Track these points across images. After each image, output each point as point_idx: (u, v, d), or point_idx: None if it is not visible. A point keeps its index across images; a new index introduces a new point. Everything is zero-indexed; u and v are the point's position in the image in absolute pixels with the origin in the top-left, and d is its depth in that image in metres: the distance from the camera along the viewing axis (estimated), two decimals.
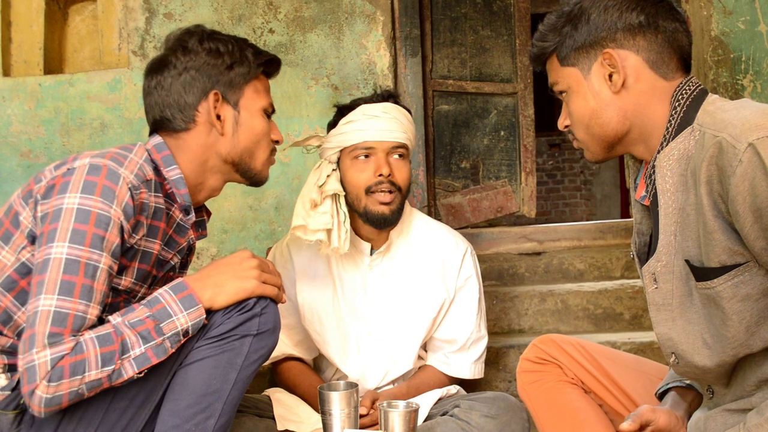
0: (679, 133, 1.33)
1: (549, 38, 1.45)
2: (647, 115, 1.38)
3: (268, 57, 1.69)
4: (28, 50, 3.29)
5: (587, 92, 1.42)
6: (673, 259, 1.35)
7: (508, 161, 3.57)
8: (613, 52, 1.37)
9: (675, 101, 1.36)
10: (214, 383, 1.45)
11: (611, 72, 1.38)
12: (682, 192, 1.32)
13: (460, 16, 3.52)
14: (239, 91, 1.63)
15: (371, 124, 2.04)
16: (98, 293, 1.37)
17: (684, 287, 1.34)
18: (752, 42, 2.97)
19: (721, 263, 1.23)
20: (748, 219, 1.17)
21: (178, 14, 3.20)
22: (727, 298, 1.24)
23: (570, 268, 3.08)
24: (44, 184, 1.44)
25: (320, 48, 3.15)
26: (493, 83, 3.54)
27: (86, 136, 3.17)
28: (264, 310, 1.51)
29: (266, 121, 1.68)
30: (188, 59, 1.59)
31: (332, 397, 1.72)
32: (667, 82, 1.38)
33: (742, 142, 1.16)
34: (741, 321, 1.24)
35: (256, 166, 1.68)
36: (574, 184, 9.08)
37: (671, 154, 1.33)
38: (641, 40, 1.37)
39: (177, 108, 1.59)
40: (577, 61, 1.42)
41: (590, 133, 1.44)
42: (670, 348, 1.39)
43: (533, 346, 1.77)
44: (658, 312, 1.40)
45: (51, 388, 1.29)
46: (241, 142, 1.64)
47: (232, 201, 3.13)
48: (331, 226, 2.04)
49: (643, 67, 1.37)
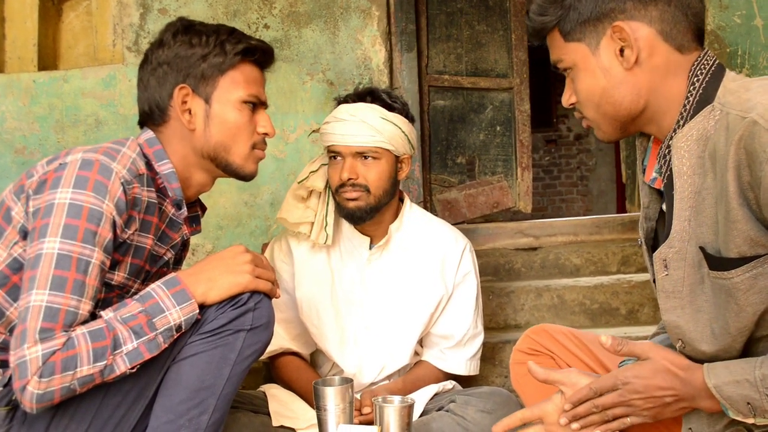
0: (698, 112, 1.24)
1: (550, 12, 1.33)
2: (662, 92, 1.29)
3: (246, 45, 1.60)
4: (22, 46, 3.28)
5: (596, 69, 1.31)
6: (686, 245, 1.28)
7: (504, 157, 3.56)
8: (624, 25, 1.26)
9: (693, 76, 1.26)
10: (208, 378, 1.44)
11: (622, 46, 1.27)
12: (699, 175, 1.24)
13: (456, 11, 3.51)
14: (213, 83, 1.57)
15: (338, 128, 2.04)
16: (90, 288, 1.37)
17: (696, 275, 1.28)
18: (748, 36, 2.96)
19: (741, 254, 1.17)
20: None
21: (172, 10, 3.19)
22: (743, 290, 1.19)
23: (566, 263, 3.07)
24: (36, 179, 1.44)
25: (315, 43, 3.14)
26: (489, 78, 3.53)
27: (81, 132, 3.16)
28: (258, 305, 1.50)
29: (243, 113, 1.60)
30: (161, 53, 1.57)
31: (327, 392, 1.72)
32: (682, 55, 1.28)
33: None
34: (755, 313, 1.20)
35: (234, 161, 1.61)
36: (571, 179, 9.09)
37: (689, 135, 1.24)
38: (653, 10, 1.26)
39: (154, 103, 1.58)
40: (584, 35, 1.30)
41: (601, 113, 1.34)
42: (678, 335, 1.34)
43: (525, 337, 1.75)
44: (668, 299, 1.33)
45: (42, 384, 1.28)
46: (213, 136, 1.58)
47: (227, 197, 3.12)
48: (312, 219, 2.09)
49: (657, 39, 1.27)
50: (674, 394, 1.28)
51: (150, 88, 1.58)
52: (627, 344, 1.31)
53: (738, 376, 1.20)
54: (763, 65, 2.95)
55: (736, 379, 1.20)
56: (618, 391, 1.31)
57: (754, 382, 1.18)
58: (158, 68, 1.57)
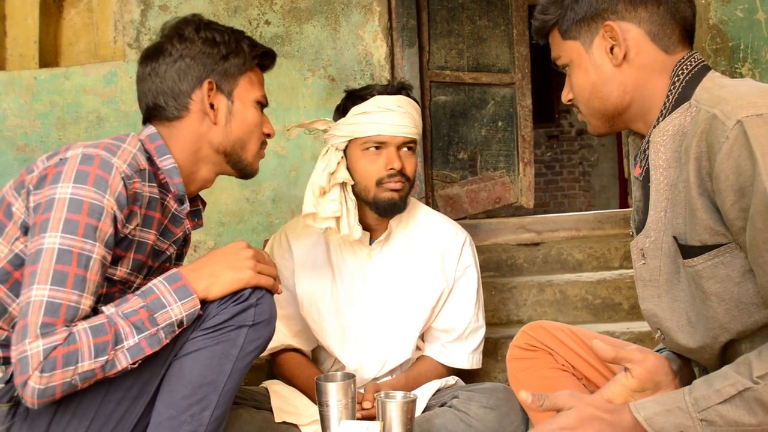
0: (676, 108, 1.31)
1: (550, 11, 1.43)
2: (647, 89, 1.36)
3: (263, 49, 1.69)
4: (23, 44, 3.28)
5: (589, 66, 1.40)
6: (662, 235, 1.33)
7: (506, 152, 3.56)
8: (615, 25, 1.34)
9: (675, 76, 1.34)
10: (210, 374, 1.44)
11: (612, 45, 1.36)
12: (675, 168, 1.29)
13: (457, 6, 3.50)
14: (233, 81, 1.63)
15: (385, 118, 2.03)
16: (91, 283, 1.36)
17: (672, 264, 1.32)
18: (751, 30, 2.95)
19: (702, 242, 1.22)
20: (729, 197, 1.14)
21: (173, 6, 3.19)
22: (706, 277, 1.22)
23: (568, 259, 3.07)
24: (36, 175, 1.43)
25: (317, 39, 3.14)
26: (490, 74, 3.53)
27: (82, 129, 3.16)
28: (259, 301, 1.49)
29: (259, 113, 1.68)
30: (184, 47, 1.59)
31: (329, 388, 1.71)
32: (668, 55, 1.35)
33: (731, 118, 1.14)
34: (720, 303, 1.22)
35: (247, 158, 1.67)
36: (573, 175, 9.07)
37: (666, 130, 1.31)
38: (643, 12, 1.34)
39: (171, 95, 1.59)
40: (579, 34, 1.39)
41: (590, 107, 1.43)
42: (656, 324, 1.38)
43: (523, 333, 1.75)
44: (645, 287, 1.38)
45: (44, 379, 1.28)
46: (233, 132, 1.63)
47: (229, 193, 3.12)
48: (340, 214, 2.04)
49: (645, 39, 1.35)
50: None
51: (167, 80, 1.59)
52: (547, 399, 1.30)
53: (668, 405, 1.20)
54: (766, 59, 2.94)
55: (667, 408, 1.20)
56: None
57: (686, 408, 1.18)
58: (180, 61, 1.58)
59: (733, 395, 1.14)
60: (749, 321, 1.22)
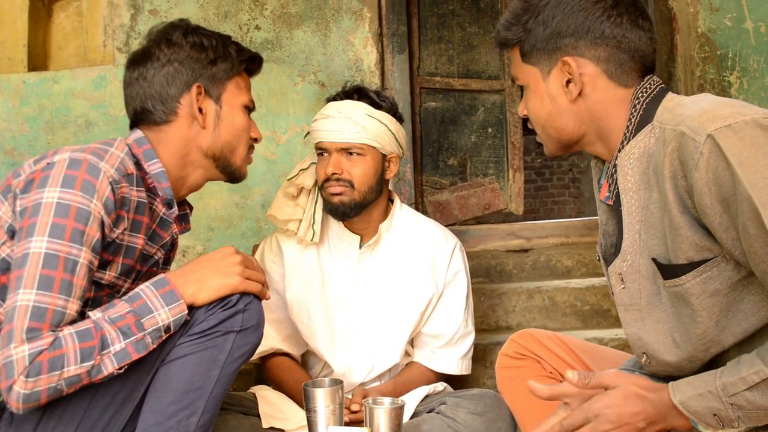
0: (639, 131, 1.32)
1: (513, 30, 1.41)
2: (604, 120, 1.37)
3: (250, 54, 1.70)
4: (11, 47, 3.26)
5: (544, 95, 1.40)
6: (639, 258, 1.33)
7: (495, 158, 3.56)
8: (572, 61, 1.34)
9: (635, 100, 1.34)
10: (197, 380, 1.44)
11: (569, 79, 1.36)
12: (644, 190, 1.30)
13: (448, 13, 3.51)
14: (222, 86, 1.63)
15: (325, 125, 2.07)
16: (78, 288, 1.36)
17: (651, 286, 1.33)
18: (739, 39, 2.97)
19: (689, 259, 1.22)
20: (716, 210, 1.15)
21: (163, 11, 3.18)
22: (696, 294, 1.23)
23: (557, 265, 3.07)
24: (23, 179, 1.43)
25: (307, 45, 3.14)
26: (480, 80, 3.53)
27: (71, 133, 3.14)
28: (247, 307, 1.49)
29: (247, 117, 1.69)
30: (172, 51, 1.59)
31: (317, 394, 1.71)
32: (625, 89, 1.36)
33: (701, 134, 1.15)
34: (711, 316, 1.23)
35: (236, 162, 1.68)
36: (563, 181, 9.10)
37: (632, 153, 1.32)
38: (602, 52, 1.34)
39: (159, 99, 1.59)
40: (538, 61, 1.39)
41: (546, 133, 1.45)
42: (641, 348, 1.38)
43: (511, 341, 1.76)
44: (627, 312, 1.38)
45: (29, 384, 1.27)
46: (222, 136, 1.64)
47: (218, 198, 3.11)
48: (300, 217, 2.13)
49: (601, 77, 1.35)
50: (646, 418, 1.28)
51: (155, 84, 1.59)
52: (593, 377, 1.32)
53: (701, 389, 1.22)
54: (753, 68, 2.96)
55: (699, 392, 1.22)
56: (590, 425, 1.30)
57: (716, 393, 1.20)
58: (168, 65, 1.59)
59: (758, 383, 1.16)
60: (739, 330, 1.24)
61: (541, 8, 1.37)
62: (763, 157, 1.11)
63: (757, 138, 1.12)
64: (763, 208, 1.08)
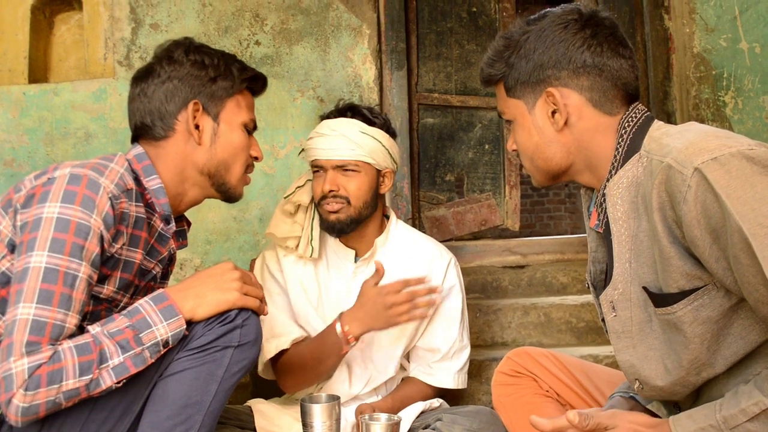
0: (627, 160, 1.33)
1: (496, 66, 1.44)
2: (592, 149, 1.39)
3: (253, 73, 1.71)
4: (12, 59, 3.27)
5: (531, 127, 1.42)
6: (630, 286, 1.34)
7: (492, 174, 3.58)
8: (556, 92, 1.37)
9: (621, 129, 1.36)
10: (195, 395, 1.44)
11: (554, 110, 1.38)
12: (633, 219, 1.31)
13: (446, 31, 3.54)
14: (220, 103, 1.65)
15: (320, 143, 2.09)
16: (77, 302, 1.37)
17: (643, 314, 1.34)
18: (734, 59, 3.00)
19: (680, 288, 1.23)
20: (706, 241, 1.16)
21: (164, 25, 3.20)
22: (688, 322, 1.24)
23: (553, 282, 3.08)
24: (24, 194, 1.44)
25: (306, 60, 3.16)
26: (478, 97, 3.55)
27: (70, 145, 3.15)
28: (245, 322, 1.50)
29: (245, 136, 1.70)
30: (172, 69, 1.61)
31: (314, 409, 1.72)
32: (611, 117, 1.38)
33: (688, 167, 1.16)
34: (702, 342, 1.24)
35: (230, 180, 1.69)
36: (559, 197, 9.11)
37: (620, 182, 1.33)
38: (585, 80, 1.36)
39: (157, 115, 1.61)
40: (523, 94, 1.41)
41: (534, 165, 1.46)
42: (633, 375, 1.39)
43: (507, 359, 1.77)
44: (619, 339, 1.39)
45: (28, 397, 1.28)
46: (218, 153, 1.65)
47: (216, 212, 3.12)
48: (299, 234, 2.15)
49: (586, 105, 1.37)
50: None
51: (155, 100, 1.61)
52: (593, 418, 1.33)
53: (702, 423, 1.23)
54: (748, 87, 2.99)
55: (701, 426, 1.23)
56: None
57: (718, 426, 1.21)
58: (168, 82, 1.61)
59: (758, 414, 1.17)
60: (729, 353, 1.25)
61: (522, 43, 1.39)
62: (750, 189, 1.12)
63: (744, 170, 1.13)
64: (754, 238, 1.10)
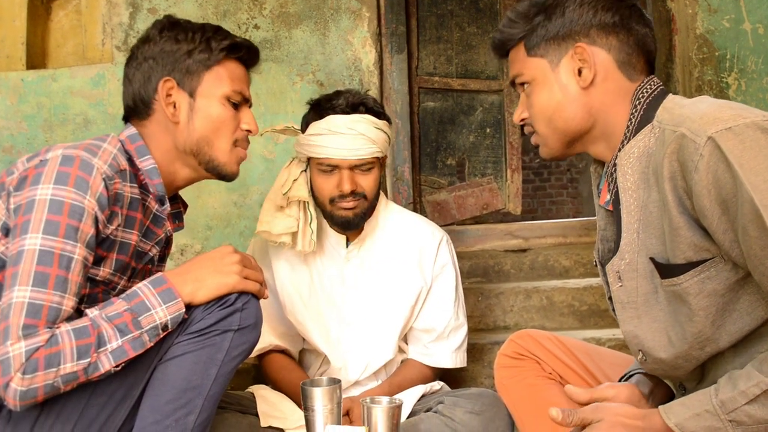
0: (639, 130, 1.33)
1: (519, 26, 1.43)
2: (610, 114, 1.38)
3: (231, 42, 1.62)
4: (10, 45, 3.25)
5: (554, 84, 1.40)
6: (637, 256, 1.34)
7: (494, 158, 3.57)
8: (586, 47, 1.36)
9: (635, 99, 1.36)
10: (195, 379, 1.44)
11: (581, 67, 1.37)
12: (643, 189, 1.31)
13: (446, 13, 3.51)
14: (197, 78, 1.58)
15: (335, 142, 1.99)
16: (73, 284, 1.36)
17: (648, 285, 1.33)
18: (737, 40, 2.97)
19: (687, 259, 1.22)
20: (715, 212, 1.16)
21: (162, 9, 3.18)
22: (693, 294, 1.23)
23: (555, 265, 3.08)
24: (17, 176, 1.43)
25: (305, 44, 3.13)
26: (479, 80, 3.54)
27: (69, 131, 3.14)
28: (245, 306, 1.49)
29: (227, 109, 1.60)
30: (146, 48, 1.59)
31: (315, 392, 1.71)
32: (631, 83, 1.38)
33: (701, 136, 1.15)
34: (707, 316, 1.23)
35: (218, 157, 1.61)
36: (561, 181, 9.09)
37: (631, 152, 1.33)
38: (614, 40, 1.36)
39: (138, 97, 1.59)
40: (547, 52, 1.40)
41: (552, 127, 1.42)
42: (637, 345, 1.38)
43: (510, 342, 1.77)
44: (624, 310, 1.39)
45: (26, 381, 1.27)
46: (196, 129, 1.58)
47: (216, 197, 3.11)
48: (295, 229, 2.06)
49: (613, 66, 1.37)
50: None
51: (135, 82, 1.59)
52: (576, 414, 1.32)
53: (696, 409, 1.22)
54: (752, 69, 2.97)
55: (696, 412, 1.22)
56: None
57: (714, 411, 1.20)
58: (143, 63, 1.58)
59: (758, 395, 1.16)
60: (734, 329, 1.24)
61: (550, 2, 1.39)
62: (764, 160, 1.11)
63: (758, 141, 1.13)
64: (765, 209, 1.09)
